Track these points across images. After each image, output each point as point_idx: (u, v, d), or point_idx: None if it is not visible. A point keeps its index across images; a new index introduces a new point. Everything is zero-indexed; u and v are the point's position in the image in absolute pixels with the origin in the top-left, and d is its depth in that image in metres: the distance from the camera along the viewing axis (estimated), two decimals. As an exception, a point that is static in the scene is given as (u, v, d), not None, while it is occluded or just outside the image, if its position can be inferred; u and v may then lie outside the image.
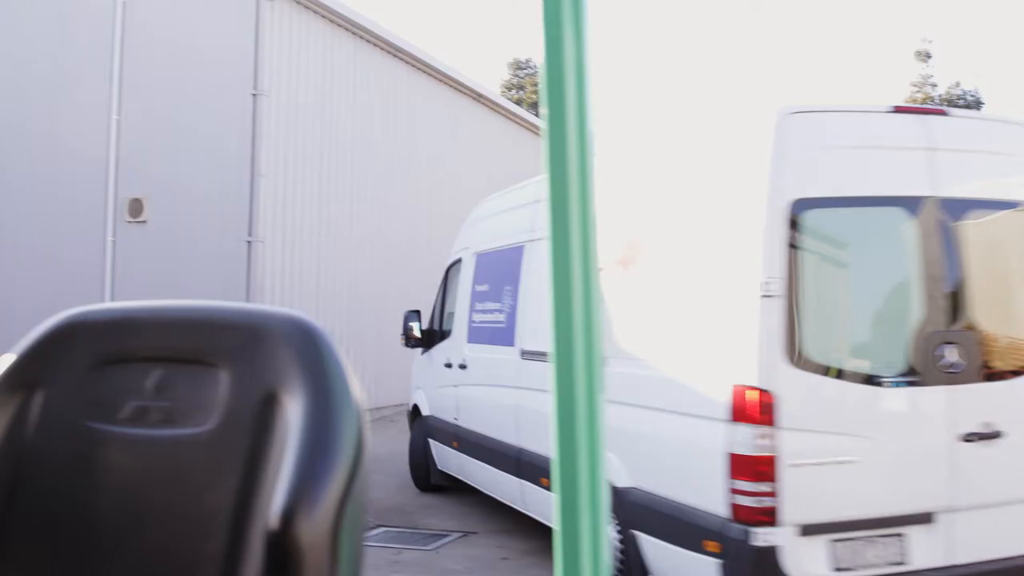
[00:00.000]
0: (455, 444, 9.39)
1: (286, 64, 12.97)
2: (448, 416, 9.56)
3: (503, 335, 8.20)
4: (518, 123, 20.93)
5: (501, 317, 8.30)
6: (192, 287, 12.17)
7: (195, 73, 12.70)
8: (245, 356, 1.36)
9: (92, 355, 1.41)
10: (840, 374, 5.12)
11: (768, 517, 4.88)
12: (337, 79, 14.13)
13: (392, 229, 15.33)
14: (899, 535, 5.14)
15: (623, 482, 5.99)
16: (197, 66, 12.70)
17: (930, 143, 5.41)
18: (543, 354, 6.94)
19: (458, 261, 9.78)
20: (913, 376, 5.19)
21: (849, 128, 5.39)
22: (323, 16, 13.74)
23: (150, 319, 1.45)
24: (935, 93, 44.81)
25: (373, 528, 9.01)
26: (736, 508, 4.95)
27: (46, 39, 13.47)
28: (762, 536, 4.85)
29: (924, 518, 5.16)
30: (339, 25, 14.11)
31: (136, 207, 13.09)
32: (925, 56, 45.56)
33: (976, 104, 44.46)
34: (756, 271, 4.98)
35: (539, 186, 8.17)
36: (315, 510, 1.22)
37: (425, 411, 10.32)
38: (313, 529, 1.21)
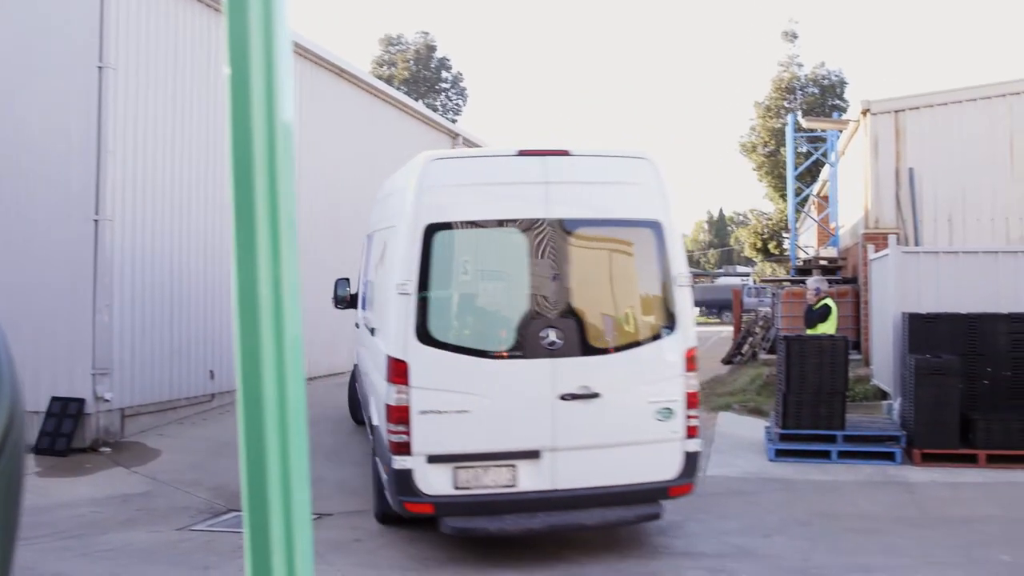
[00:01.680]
0: (356, 387, 11.93)
1: (134, 36, 12.39)
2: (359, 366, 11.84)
3: (362, 304, 10.50)
4: (383, 99, 20.62)
5: (361, 290, 10.61)
6: (36, 269, 11.60)
7: (35, 45, 11.98)
8: None
9: None
10: (458, 349, 7.07)
11: (405, 449, 6.92)
12: (189, 52, 13.58)
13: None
14: (511, 466, 7.06)
15: (375, 423, 8.07)
16: (37, 37, 11.99)
17: (546, 177, 7.25)
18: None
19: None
20: (519, 351, 7.11)
21: (478, 169, 7.45)
22: (174, -14, 13.21)
23: None
24: (801, 73, 46.09)
25: (224, 513, 8.80)
26: (390, 443, 7.00)
27: None
28: (399, 462, 6.93)
29: (532, 455, 7.06)
30: (191, -5, 13.59)
31: (-27, 186, 12.36)
32: (792, 37, 46.83)
33: (840, 84, 45.97)
34: (398, 275, 7.07)
35: (387, 183, 9.79)
36: None
37: (355, 361, 12.56)
38: None
